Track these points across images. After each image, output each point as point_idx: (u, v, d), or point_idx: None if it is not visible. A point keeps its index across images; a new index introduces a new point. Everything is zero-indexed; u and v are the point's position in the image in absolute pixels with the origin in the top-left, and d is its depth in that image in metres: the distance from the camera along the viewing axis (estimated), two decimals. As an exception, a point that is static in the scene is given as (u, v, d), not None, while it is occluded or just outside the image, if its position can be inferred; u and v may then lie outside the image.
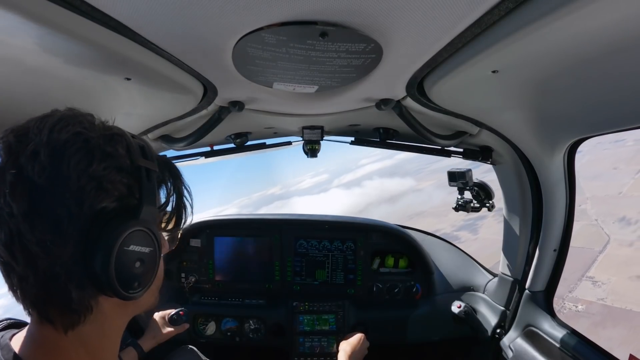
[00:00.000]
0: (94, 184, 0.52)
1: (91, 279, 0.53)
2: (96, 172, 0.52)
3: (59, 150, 0.50)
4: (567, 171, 1.40)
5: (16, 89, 0.78)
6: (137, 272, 0.58)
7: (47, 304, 0.53)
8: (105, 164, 0.54)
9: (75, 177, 0.50)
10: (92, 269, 0.52)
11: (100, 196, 0.53)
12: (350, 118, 1.48)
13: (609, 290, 47.37)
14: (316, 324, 2.06)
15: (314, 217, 2.35)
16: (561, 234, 1.53)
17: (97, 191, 0.52)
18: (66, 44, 0.66)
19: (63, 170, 0.50)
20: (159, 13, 0.63)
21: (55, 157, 0.50)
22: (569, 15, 0.58)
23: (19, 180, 0.49)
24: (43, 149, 0.50)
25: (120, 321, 0.64)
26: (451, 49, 0.76)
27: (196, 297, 2.15)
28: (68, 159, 0.50)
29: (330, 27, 0.67)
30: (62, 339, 0.56)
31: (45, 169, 0.49)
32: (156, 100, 1.09)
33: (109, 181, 0.54)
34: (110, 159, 0.55)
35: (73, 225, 0.51)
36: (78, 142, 0.52)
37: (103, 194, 0.53)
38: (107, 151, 0.55)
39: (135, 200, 0.58)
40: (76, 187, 0.51)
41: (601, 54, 0.72)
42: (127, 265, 0.56)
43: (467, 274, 2.21)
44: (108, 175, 0.53)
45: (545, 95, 1.00)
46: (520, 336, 1.68)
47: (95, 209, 0.53)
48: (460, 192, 1.72)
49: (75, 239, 0.51)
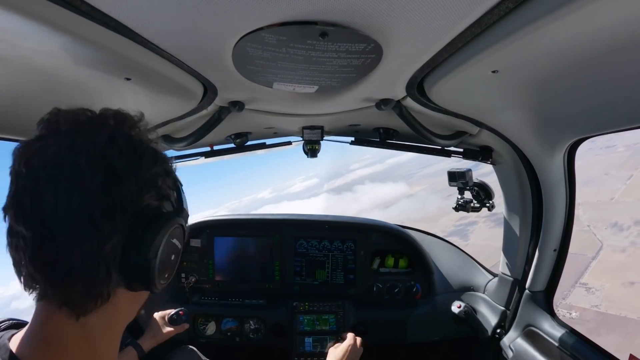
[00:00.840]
0: (152, 180, 0.59)
1: (133, 268, 0.57)
2: (156, 172, 0.60)
3: (136, 145, 0.58)
4: (567, 171, 1.41)
5: (18, 88, 0.78)
6: (171, 264, 0.65)
7: (72, 286, 0.54)
8: (162, 166, 0.62)
9: (143, 171, 0.57)
10: (137, 258, 0.57)
11: (155, 192, 0.60)
12: (350, 118, 1.48)
13: (602, 297, 47.35)
14: (316, 324, 2.06)
15: (314, 217, 2.35)
16: (561, 233, 1.53)
17: (153, 188, 0.59)
18: (66, 44, 0.66)
19: (136, 162, 0.56)
20: (159, 13, 0.63)
21: (133, 149, 0.57)
22: (568, 15, 0.58)
23: (96, 156, 0.53)
24: (123, 138, 0.56)
25: (126, 316, 0.65)
26: (451, 49, 0.76)
27: (196, 297, 2.15)
28: (140, 155, 0.57)
29: (330, 27, 0.67)
30: (68, 330, 0.56)
31: (123, 154, 0.55)
32: (156, 101, 1.09)
33: (162, 181, 0.61)
34: (164, 163, 0.63)
35: (132, 212, 0.56)
36: (150, 142, 0.61)
37: (156, 190, 0.60)
38: (162, 156, 0.63)
39: (173, 199, 0.65)
40: (142, 180, 0.57)
41: (601, 54, 0.73)
42: (166, 256, 0.62)
43: (467, 274, 2.21)
44: (161, 176, 0.61)
45: (545, 95, 1.00)
46: (520, 336, 1.68)
47: (149, 204, 0.59)
48: (461, 192, 1.73)
49: (131, 226, 0.56)
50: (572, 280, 51.87)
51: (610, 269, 55.24)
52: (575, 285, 51.14)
